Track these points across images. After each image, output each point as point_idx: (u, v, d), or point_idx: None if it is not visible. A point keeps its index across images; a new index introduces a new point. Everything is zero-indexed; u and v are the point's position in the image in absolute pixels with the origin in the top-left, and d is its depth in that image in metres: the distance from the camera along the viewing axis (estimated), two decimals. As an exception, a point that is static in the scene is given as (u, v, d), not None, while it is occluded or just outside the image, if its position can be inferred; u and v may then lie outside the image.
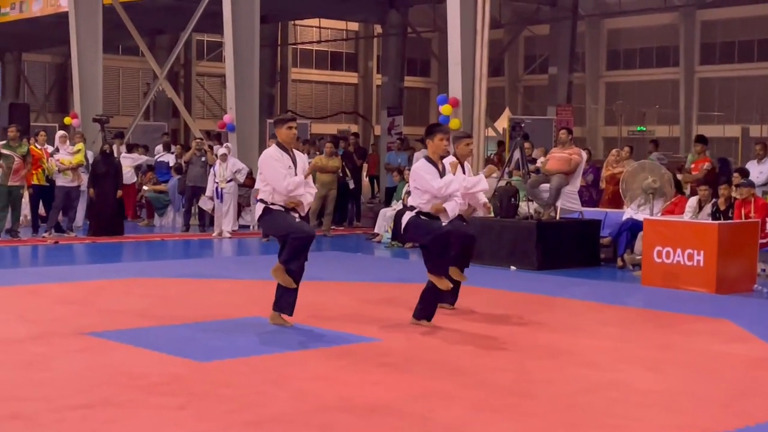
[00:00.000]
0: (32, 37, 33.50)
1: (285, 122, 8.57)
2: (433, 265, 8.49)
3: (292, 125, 8.53)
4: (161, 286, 11.24)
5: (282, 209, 8.39)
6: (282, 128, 8.51)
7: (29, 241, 16.05)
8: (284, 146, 8.49)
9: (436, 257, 8.47)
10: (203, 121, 38.92)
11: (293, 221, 8.35)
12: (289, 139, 8.52)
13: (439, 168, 8.60)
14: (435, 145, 8.62)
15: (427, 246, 8.53)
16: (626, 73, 44.96)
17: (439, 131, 8.69)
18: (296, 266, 8.31)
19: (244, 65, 20.47)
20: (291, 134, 8.51)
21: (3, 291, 10.58)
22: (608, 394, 6.41)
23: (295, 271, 8.32)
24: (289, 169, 8.36)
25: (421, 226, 8.52)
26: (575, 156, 13.99)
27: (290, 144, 8.54)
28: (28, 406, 5.77)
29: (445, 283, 8.47)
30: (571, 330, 8.88)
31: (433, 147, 8.63)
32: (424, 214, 8.53)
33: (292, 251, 8.26)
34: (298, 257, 8.29)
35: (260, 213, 8.50)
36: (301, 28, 44.92)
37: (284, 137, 8.50)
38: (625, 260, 13.44)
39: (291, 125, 8.52)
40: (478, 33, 17.43)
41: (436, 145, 8.61)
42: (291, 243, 8.27)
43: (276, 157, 8.39)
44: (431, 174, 8.51)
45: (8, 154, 15.81)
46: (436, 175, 8.52)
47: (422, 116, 46.05)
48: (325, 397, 6.14)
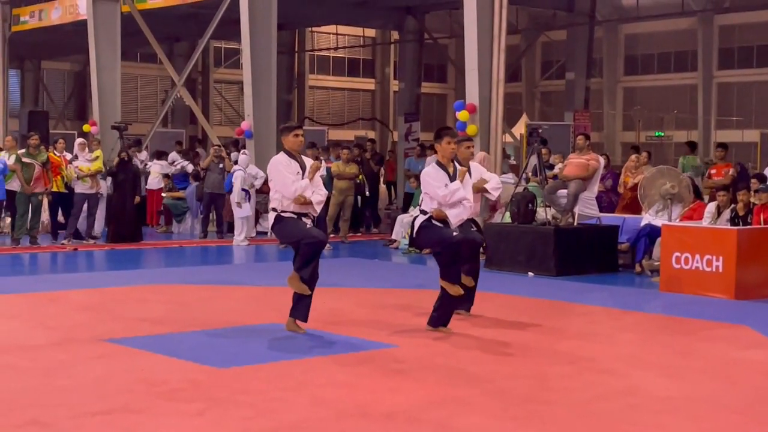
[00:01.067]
0: (51, 45, 33.69)
1: (291, 130, 8.61)
2: (444, 271, 8.54)
3: (298, 133, 8.58)
4: (180, 292, 11.28)
5: (293, 216, 8.42)
6: (288, 136, 8.56)
7: (48, 248, 16.14)
8: (292, 153, 8.54)
9: (446, 264, 8.53)
10: (221, 128, 39.03)
11: (304, 227, 8.39)
12: (297, 147, 8.57)
13: (449, 171, 8.62)
14: (443, 148, 8.67)
15: (438, 253, 8.59)
16: (644, 78, 44.81)
17: (447, 134, 8.73)
18: (309, 273, 8.32)
19: (262, 72, 20.52)
20: (297, 142, 8.57)
21: (23, 298, 10.65)
22: (627, 400, 6.39)
23: (309, 277, 8.33)
24: (297, 175, 8.41)
25: (432, 231, 8.56)
26: (593, 162, 13.96)
27: (297, 151, 8.59)
28: (47, 412, 5.81)
29: (456, 289, 8.50)
30: (589, 336, 8.86)
31: (442, 150, 8.69)
32: (436, 219, 8.55)
33: (304, 258, 8.31)
34: (310, 263, 8.32)
35: (272, 221, 8.56)
36: (318, 35, 45.00)
37: (291, 145, 8.55)
38: (643, 266, 13.40)
39: (297, 133, 8.57)
40: (495, 39, 17.41)
41: (444, 148, 8.66)
42: (303, 249, 8.33)
43: (284, 164, 8.45)
44: (438, 181, 8.56)
45: (29, 162, 15.92)
46: (443, 180, 8.56)
47: (439, 122, 45.98)
48: (343, 403, 6.15)
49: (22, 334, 8.40)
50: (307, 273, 8.31)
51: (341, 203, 17.74)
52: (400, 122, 30.90)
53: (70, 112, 42.83)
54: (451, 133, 8.89)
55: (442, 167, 8.64)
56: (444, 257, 8.55)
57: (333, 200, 17.63)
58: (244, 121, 21.06)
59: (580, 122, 24.70)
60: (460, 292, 8.55)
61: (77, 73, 42.41)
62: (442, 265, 8.57)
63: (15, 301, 10.39)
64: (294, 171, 8.43)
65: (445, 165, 8.65)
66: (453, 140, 8.71)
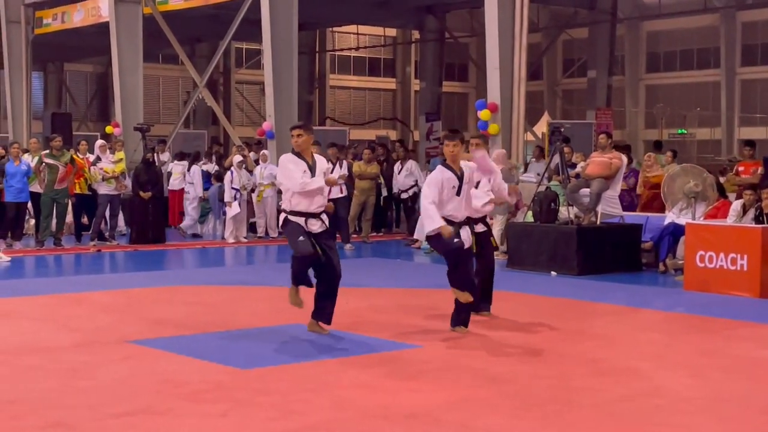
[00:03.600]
0: (74, 47, 33.89)
1: (291, 130, 8.61)
2: (451, 277, 8.57)
3: (294, 133, 8.48)
4: (203, 293, 11.31)
5: (298, 220, 8.37)
6: (292, 137, 8.55)
7: (72, 249, 16.23)
8: (298, 152, 8.49)
9: (452, 270, 8.55)
10: (242, 129, 39.14)
11: (298, 239, 8.32)
12: (297, 147, 8.47)
13: (456, 173, 8.57)
14: (444, 151, 8.74)
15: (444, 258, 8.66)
16: (666, 76, 44.59)
17: (446, 137, 8.77)
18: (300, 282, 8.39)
19: (283, 72, 20.56)
20: (294, 142, 8.49)
21: (47, 299, 10.71)
22: (651, 400, 6.35)
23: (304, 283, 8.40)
24: (305, 174, 8.37)
25: (437, 240, 8.53)
26: (615, 160, 13.89)
27: (302, 150, 8.48)
28: (71, 414, 5.83)
29: (465, 296, 8.46)
30: (612, 336, 8.82)
31: (444, 153, 8.74)
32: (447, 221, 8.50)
33: (292, 271, 8.39)
34: (299, 277, 8.36)
35: (282, 222, 8.60)
36: (339, 35, 45.04)
37: (293, 145, 8.54)
38: (667, 265, 13.32)
39: (294, 133, 8.49)
40: (517, 37, 17.37)
41: (444, 151, 8.72)
42: (292, 263, 8.41)
43: (290, 160, 8.45)
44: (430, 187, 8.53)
45: (52, 163, 16.02)
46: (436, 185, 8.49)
47: (461, 121, 45.97)
48: (365, 404, 6.14)
49: (47, 335, 8.44)
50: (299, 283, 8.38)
51: (363, 203, 17.74)
52: (421, 122, 30.90)
53: (92, 113, 43.07)
54: (450, 136, 8.78)
55: (450, 169, 8.60)
56: (448, 263, 8.61)
57: (355, 200, 17.64)
58: (265, 121, 21.11)
59: (602, 120, 24.61)
60: (468, 299, 8.49)
61: (100, 75, 42.64)
62: (449, 271, 8.62)
63: (39, 303, 10.45)
64: (301, 169, 8.38)
65: (451, 167, 8.61)
66: (451, 143, 8.63)
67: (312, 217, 8.43)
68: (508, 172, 15.38)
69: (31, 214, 17.12)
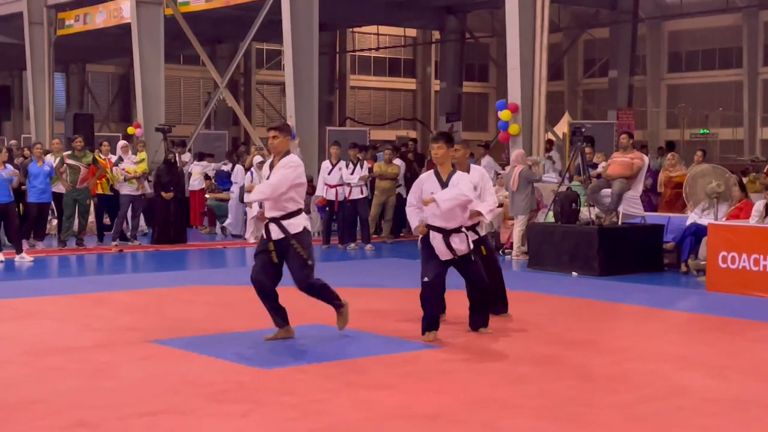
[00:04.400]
0: (96, 48, 34.09)
1: (268, 131, 8.19)
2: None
3: (270, 134, 8.07)
4: (224, 293, 11.34)
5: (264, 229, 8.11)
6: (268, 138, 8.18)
7: (94, 249, 16.31)
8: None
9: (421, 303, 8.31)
10: (263, 129, 39.15)
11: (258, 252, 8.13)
12: (273, 150, 8.09)
13: (442, 178, 8.27)
14: (432, 154, 8.43)
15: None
16: (688, 76, 44.34)
17: (434, 140, 8.40)
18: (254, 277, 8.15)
19: (304, 73, 20.60)
20: (270, 144, 8.12)
21: (69, 299, 10.76)
22: (674, 402, 6.31)
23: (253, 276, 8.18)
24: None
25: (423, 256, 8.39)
26: (637, 160, 13.84)
27: (276, 154, 8.06)
28: (93, 414, 5.86)
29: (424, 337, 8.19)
30: (634, 337, 8.78)
31: (432, 156, 8.46)
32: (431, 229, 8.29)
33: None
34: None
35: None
36: (359, 35, 45.06)
37: (269, 147, 8.21)
38: (689, 266, 13.24)
39: (270, 134, 8.08)
40: (537, 37, 17.33)
41: (433, 155, 8.42)
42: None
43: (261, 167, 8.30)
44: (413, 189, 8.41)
45: (74, 164, 16.11)
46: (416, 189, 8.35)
47: (481, 122, 45.91)
48: (387, 405, 6.14)
49: (69, 335, 8.48)
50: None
51: (383, 203, 17.73)
52: (442, 122, 30.86)
53: (114, 114, 43.28)
54: (434, 138, 8.45)
55: (436, 173, 8.32)
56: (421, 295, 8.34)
57: (375, 200, 17.64)
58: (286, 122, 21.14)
59: (623, 120, 24.50)
60: (428, 339, 8.13)
61: (121, 76, 42.85)
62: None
63: (61, 303, 10.50)
64: (265, 174, 8.14)
65: (438, 172, 8.31)
66: (436, 145, 8.29)
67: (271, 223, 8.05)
68: (528, 170, 15.37)
69: (54, 215, 17.22)
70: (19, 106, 42.52)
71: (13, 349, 7.84)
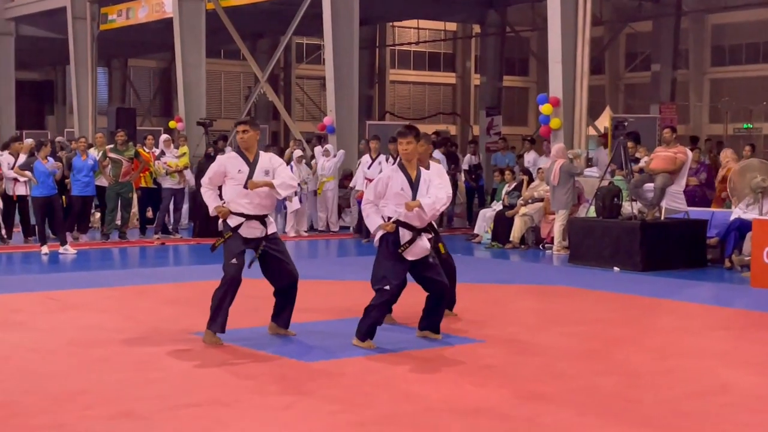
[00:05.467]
0: (138, 43, 34.35)
1: (237, 125, 8.07)
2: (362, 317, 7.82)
3: (239, 129, 7.94)
4: (264, 287, 11.32)
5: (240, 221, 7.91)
6: (237, 132, 8.03)
7: (137, 242, 16.46)
8: (240, 151, 7.97)
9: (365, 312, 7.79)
10: (303, 124, 39.31)
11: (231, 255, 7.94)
12: (243, 144, 7.91)
13: (411, 176, 7.73)
14: (400, 150, 7.82)
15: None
16: (732, 69, 43.79)
17: (402, 135, 7.77)
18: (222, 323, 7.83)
19: (344, 67, 20.62)
20: (239, 139, 7.95)
21: (113, 292, 10.87)
22: (718, 399, 6.26)
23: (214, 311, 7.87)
24: (240, 174, 7.82)
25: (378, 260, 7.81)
26: (680, 155, 13.72)
27: (245, 149, 7.91)
28: (140, 404, 5.92)
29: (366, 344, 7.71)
30: (677, 333, 8.71)
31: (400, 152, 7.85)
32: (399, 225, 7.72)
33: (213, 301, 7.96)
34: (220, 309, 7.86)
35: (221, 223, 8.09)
36: (399, 30, 44.99)
37: (238, 142, 7.99)
38: (733, 261, 13.10)
39: (239, 129, 7.94)
40: (579, 31, 17.22)
41: (401, 150, 7.81)
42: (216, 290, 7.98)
43: (221, 161, 8.04)
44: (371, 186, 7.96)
45: (116, 158, 16.27)
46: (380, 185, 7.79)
47: (521, 116, 45.68)
48: (430, 398, 6.14)
49: (113, 327, 8.57)
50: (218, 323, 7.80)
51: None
52: (482, 116, 30.75)
53: (156, 108, 43.59)
54: (403, 133, 7.80)
55: (402, 169, 7.76)
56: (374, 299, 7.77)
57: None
58: (326, 116, 21.18)
59: (666, 115, 24.26)
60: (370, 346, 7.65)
61: (163, 71, 43.14)
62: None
63: (105, 295, 10.62)
64: (236, 169, 7.84)
65: (405, 167, 7.76)
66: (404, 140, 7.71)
67: (255, 220, 7.92)
68: (570, 163, 15.29)
69: (97, 208, 17.40)
70: (62, 100, 42.98)
71: (59, 340, 7.95)
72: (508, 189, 16.92)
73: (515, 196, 16.56)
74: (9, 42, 32.13)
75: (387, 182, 7.77)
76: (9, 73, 32.22)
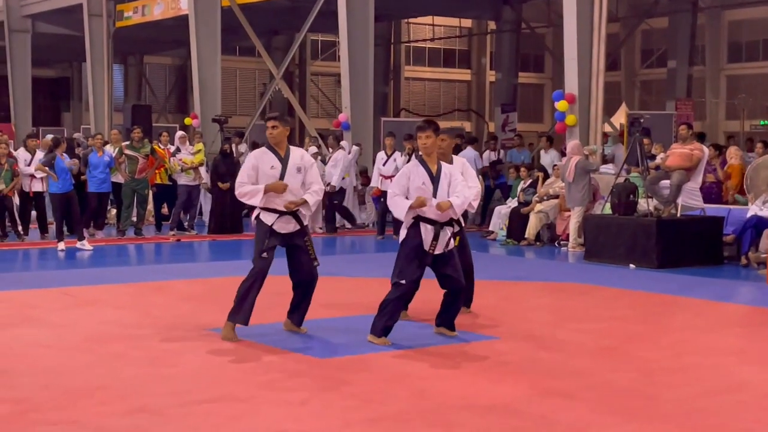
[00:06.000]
0: (153, 39, 34.46)
1: (266, 121, 8.02)
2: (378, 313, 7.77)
3: (269, 124, 7.92)
4: (281, 283, 11.35)
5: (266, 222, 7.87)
6: (267, 128, 7.99)
7: (152, 239, 16.51)
8: (271, 146, 7.94)
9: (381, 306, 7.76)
10: (318, 120, 39.36)
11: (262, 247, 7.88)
12: (272, 140, 7.90)
13: (431, 170, 7.71)
14: (420, 144, 7.80)
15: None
16: (748, 66, 43.58)
17: (421, 129, 7.75)
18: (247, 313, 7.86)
19: (359, 64, 20.62)
20: (268, 134, 7.92)
21: (128, 288, 10.91)
22: (734, 396, 6.24)
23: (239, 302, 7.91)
24: (272, 170, 7.81)
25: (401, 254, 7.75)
26: (697, 152, 13.67)
27: (275, 144, 7.90)
28: (155, 400, 5.94)
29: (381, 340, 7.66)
30: (693, 330, 8.68)
31: (419, 146, 7.85)
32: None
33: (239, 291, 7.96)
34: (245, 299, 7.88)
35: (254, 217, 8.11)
36: (414, 26, 44.96)
37: (267, 137, 7.96)
38: (749, 258, 13.05)
39: (268, 124, 7.92)
40: (595, 27, 17.16)
41: (420, 145, 7.80)
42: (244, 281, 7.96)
43: (254, 157, 7.93)
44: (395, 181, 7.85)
45: (132, 154, 16.32)
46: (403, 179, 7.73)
47: (536, 113, 45.58)
48: (445, 395, 6.14)
49: (129, 323, 8.60)
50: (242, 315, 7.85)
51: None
52: (497, 113, 30.73)
53: (171, 105, 43.71)
54: (422, 127, 7.78)
55: (424, 164, 7.73)
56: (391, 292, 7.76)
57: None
58: (341, 113, 21.20)
59: (682, 111, 24.18)
60: (385, 342, 7.63)
61: (178, 68, 43.25)
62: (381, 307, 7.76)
63: (121, 291, 10.65)
64: (268, 165, 7.83)
65: (426, 162, 7.74)
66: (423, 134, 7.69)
67: (288, 215, 7.91)
68: (585, 160, 15.25)
69: (113, 204, 17.46)
70: (78, 97, 43.15)
71: (76, 336, 7.98)
72: (523, 186, 16.90)
73: (530, 193, 16.54)
74: (25, 39, 32.27)
75: (408, 176, 7.76)
76: (25, 70, 32.37)
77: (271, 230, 7.93)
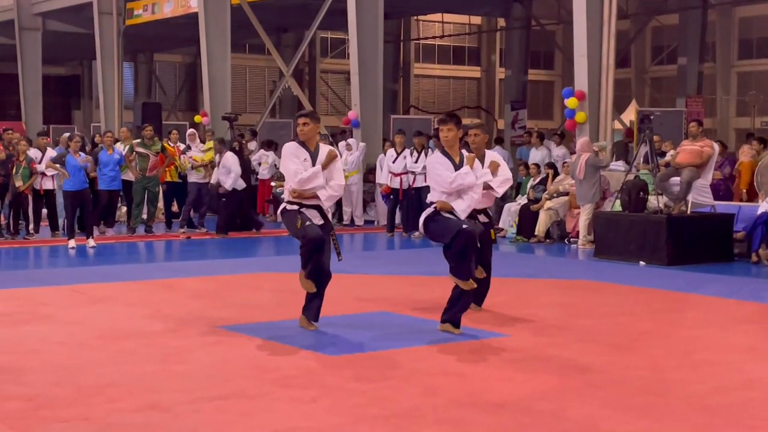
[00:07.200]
0: (163, 37, 34.49)
1: (298, 118, 8.22)
2: (453, 267, 7.90)
3: (300, 121, 8.10)
4: (290, 280, 11.37)
5: (296, 208, 8.00)
6: (297, 125, 8.18)
7: (163, 236, 16.54)
8: (302, 141, 8.12)
9: (455, 258, 7.86)
10: (328, 118, 39.37)
11: (300, 225, 7.92)
12: (303, 136, 8.08)
13: (455, 160, 7.97)
14: (441, 137, 8.09)
15: (448, 246, 7.90)
16: (759, 63, 43.44)
17: (443, 122, 8.02)
18: (310, 270, 7.97)
19: (368, 61, 20.62)
20: (299, 131, 8.10)
21: (139, 285, 10.94)
22: (745, 393, 6.23)
23: (313, 275, 8.00)
24: (306, 162, 7.99)
25: (438, 223, 7.93)
26: (707, 149, 13.64)
27: (306, 140, 8.09)
28: (165, 397, 5.95)
29: (469, 284, 7.87)
30: (704, 327, 8.66)
31: (441, 139, 8.14)
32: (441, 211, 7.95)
33: (301, 257, 8.02)
34: (308, 261, 7.93)
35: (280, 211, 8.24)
36: (424, 23, 44.94)
37: (299, 133, 8.13)
38: (760, 255, 13.02)
39: (300, 121, 8.10)
40: (605, 24, 17.13)
41: (442, 137, 8.07)
42: (300, 250, 8.04)
43: (291, 152, 8.08)
44: (444, 168, 7.92)
45: (143, 152, 16.36)
46: (449, 168, 7.91)
47: (546, 110, 45.54)
48: (455, 392, 6.14)
49: (140, 320, 8.62)
50: (308, 271, 7.98)
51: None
52: (507, 110, 30.70)
53: (181, 103, 43.77)
54: (445, 120, 8.03)
55: (447, 155, 8.00)
56: (452, 250, 7.82)
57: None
58: (350, 110, 21.19)
59: (692, 108, 24.13)
60: (473, 285, 7.86)
61: (188, 65, 43.31)
62: (451, 260, 7.86)
63: (132, 288, 10.68)
64: (301, 158, 8.00)
65: (450, 154, 7.99)
66: (445, 128, 7.95)
67: (312, 209, 8.02)
68: (595, 156, 15.23)
69: (123, 202, 17.50)
70: (88, 95, 43.24)
71: (87, 333, 8.01)
72: (533, 183, 16.89)
73: (540, 190, 16.52)
74: (36, 37, 32.34)
75: (443, 165, 7.93)
76: (36, 68, 32.44)
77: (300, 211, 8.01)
